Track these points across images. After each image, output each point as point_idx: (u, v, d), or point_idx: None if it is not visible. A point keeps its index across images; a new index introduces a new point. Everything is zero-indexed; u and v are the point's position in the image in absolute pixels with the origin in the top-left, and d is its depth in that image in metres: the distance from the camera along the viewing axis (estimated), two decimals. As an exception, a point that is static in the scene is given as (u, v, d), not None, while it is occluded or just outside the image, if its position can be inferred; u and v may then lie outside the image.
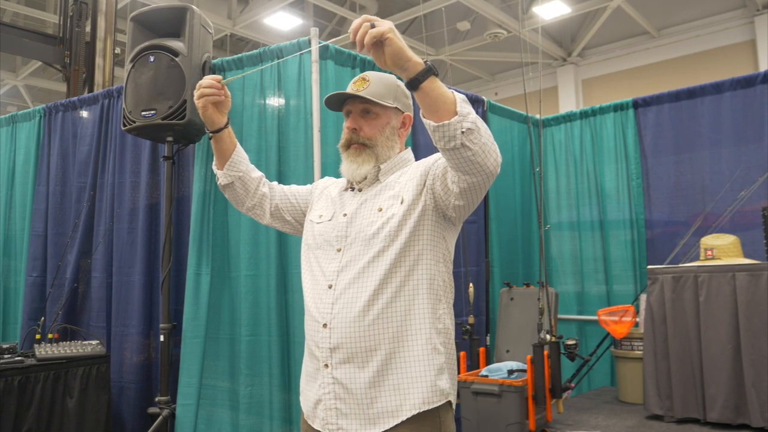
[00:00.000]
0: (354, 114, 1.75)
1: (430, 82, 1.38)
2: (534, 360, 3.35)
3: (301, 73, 3.33)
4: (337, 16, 11.95)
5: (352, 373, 1.58)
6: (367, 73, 1.77)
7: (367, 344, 1.57)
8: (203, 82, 1.68)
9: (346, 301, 1.60)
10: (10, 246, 4.61)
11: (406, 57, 1.37)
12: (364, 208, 1.69)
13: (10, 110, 11.81)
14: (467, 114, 1.38)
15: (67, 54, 6.33)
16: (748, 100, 4.28)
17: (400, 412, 1.55)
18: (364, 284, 1.59)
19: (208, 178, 3.49)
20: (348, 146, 1.74)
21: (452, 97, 1.39)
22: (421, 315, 1.60)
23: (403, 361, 1.57)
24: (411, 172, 1.70)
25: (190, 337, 3.36)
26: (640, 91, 5.94)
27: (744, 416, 3.30)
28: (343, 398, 1.58)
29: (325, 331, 1.61)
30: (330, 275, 1.65)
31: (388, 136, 1.74)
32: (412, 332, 1.59)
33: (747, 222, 4.09)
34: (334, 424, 1.59)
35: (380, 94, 1.72)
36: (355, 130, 1.72)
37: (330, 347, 1.60)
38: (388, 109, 1.74)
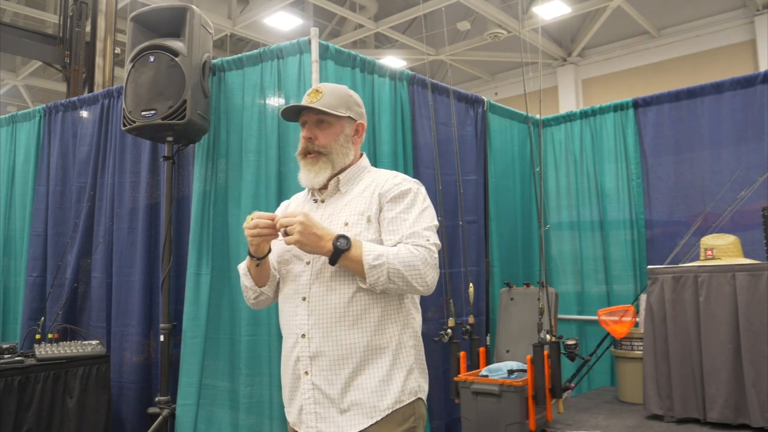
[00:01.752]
0: (309, 124, 1.84)
1: (342, 261, 1.62)
2: (534, 360, 3.35)
3: (301, 73, 3.33)
4: (337, 16, 11.95)
5: (330, 378, 1.69)
6: (321, 84, 1.87)
7: (344, 351, 1.69)
8: (260, 222, 1.69)
9: (321, 311, 1.70)
10: (10, 246, 4.61)
11: (318, 250, 1.62)
12: (331, 222, 1.77)
13: (10, 110, 11.82)
14: (376, 281, 1.62)
15: (67, 54, 6.33)
16: (748, 100, 4.28)
17: (374, 413, 1.67)
18: (337, 295, 1.70)
19: (208, 178, 3.49)
20: (305, 155, 1.84)
21: (362, 270, 1.61)
22: (392, 321, 1.72)
23: (375, 366, 1.69)
24: (372, 191, 1.79)
25: (190, 337, 3.36)
26: (640, 91, 5.94)
27: (744, 416, 3.30)
28: (321, 402, 1.70)
29: (304, 341, 1.72)
30: (302, 288, 1.74)
31: (342, 143, 1.84)
32: (384, 339, 1.71)
33: (747, 222, 4.09)
34: (313, 427, 1.70)
35: (333, 104, 1.82)
36: (311, 139, 1.82)
37: (309, 356, 1.71)
38: (341, 119, 1.84)
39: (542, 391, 3.33)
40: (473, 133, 4.46)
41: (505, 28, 11.06)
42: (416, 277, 1.62)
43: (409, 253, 1.63)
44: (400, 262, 1.61)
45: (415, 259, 1.62)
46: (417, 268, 1.62)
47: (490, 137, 4.61)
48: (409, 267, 1.62)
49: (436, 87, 4.12)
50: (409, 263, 1.62)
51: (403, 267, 1.61)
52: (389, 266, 1.60)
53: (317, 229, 1.61)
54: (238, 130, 3.49)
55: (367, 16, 11.53)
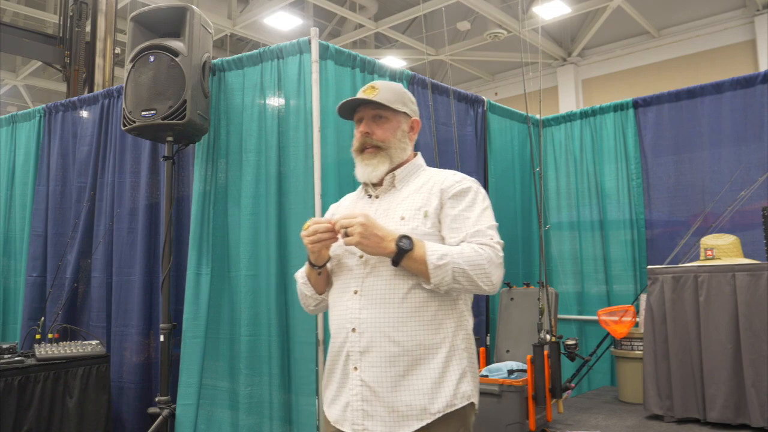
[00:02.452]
0: (366, 119, 1.81)
1: (405, 261, 1.59)
2: (534, 360, 3.35)
3: (301, 73, 3.33)
4: (337, 16, 11.95)
5: (380, 375, 1.63)
6: (376, 82, 1.85)
7: (395, 348, 1.63)
8: (319, 227, 1.67)
9: (373, 306, 1.66)
10: (10, 246, 4.61)
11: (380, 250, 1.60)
12: (386, 216, 1.75)
13: (10, 110, 11.82)
14: (440, 281, 1.59)
15: (67, 54, 6.33)
16: (748, 100, 4.28)
17: (424, 416, 1.61)
18: (392, 290, 1.65)
19: (208, 178, 3.49)
20: (362, 150, 1.81)
21: (426, 270, 1.58)
22: (446, 321, 1.68)
23: (428, 366, 1.63)
24: (430, 188, 1.77)
25: (190, 337, 3.36)
26: (640, 91, 5.94)
27: (744, 416, 3.30)
28: (369, 400, 1.64)
29: (354, 335, 1.67)
30: (355, 281, 1.70)
31: (399, 138, 1.82)
32: (438, 338, 1.65)
33: (747, 222, 4.09)
34: (360, 424, 1.64)
35: (390, 99, 1.80)
36: (368, 134, 1.80)
37: (359, 350, 1.66)
38: (398, 114, 1.83)
39: (542, 391, 3.33)
40: (473, 133, 4.46)
41: (505, 28, 11.06)
42: (482, 276, 1.59)
43: (474, 252, 1.60)
44: (465, 261, 1.57)
45: (481, 258, 1.59)
46: (482, 267, 1.59)
47: (490, 137, 4.61)
48: (475, 266, 1.58)
49: (436, 87, 4.12)
50: (474, 262, 1.58)
51: (468, 266, 1.58)
52: (454, 265, 1.57)
53: (378, 230, 1.59)
54: (238, 130, 3.49)
55: (367, 16, 11.53)
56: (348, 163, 3.40)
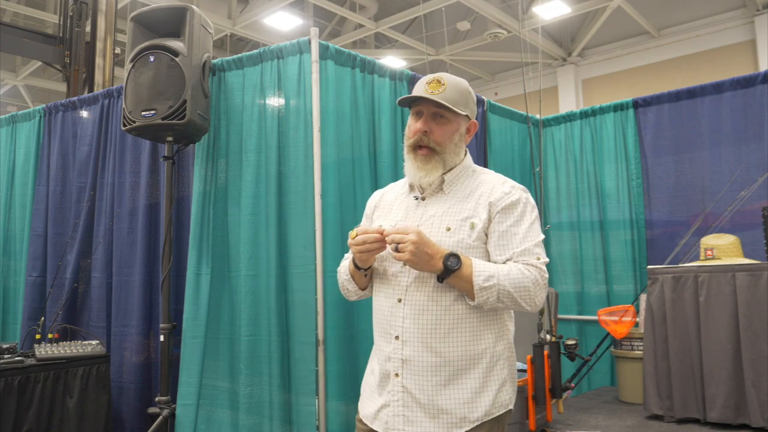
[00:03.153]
0: (426, 116, 1.74)
1: (451, 279, 1.60)
2: (534, 360, 3.35)
3: (301, 73, 3.33)
4: (337, 16, 11.95)
5: (421, 383, 1.65)
6: (443, 75, 1.76)
7: (437, 359, 1.65)
8: (368, 238, 1.65)
9: (417, 316, 1.66)
10: (10, 246, 4.61)
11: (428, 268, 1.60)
12: (432, 224, 1.71)
13: (10, 110, 11.82)
14: (485, 301, 1.61)
15: (67, 54, 6.33)
16: (748, 100, 4.28)
17: (464, 423, 1.64)
18: (434, 302, 1.66)
19: (208, 178, 3.49)
20: (416, 148, 1.74)
21: (471, 289, 1.60)
22: (487, 332, 1.69)
23: (469, 377, 1.66)
24: (478, 197, 1.73)
25: (190, 337, 3.36)
26: (640, 91, 5.94)
27: (744, 416, 3.30)
28: (410, 406, 1.66)
29: (397, 342, 1.69)
30: (399, 290, 1.70)
31: (456, 142, 1.76)
32: (479, 349, 1.67)
33: (747, 222, 4.09)
34: (400, 429, 1.66)
35: (454, 100, 1.72)
36: (426, 133, 1.73)
37: (402, 358, 1.67)
38: (459, 116, 1.75)
39: (542, 391, 3.33)
40: (473, 133, 4.45)
41: (505, 28, 11.06)
42: (526, 298, 1.60)
43: (520, 273, 1.60)
44: (510, 283, 1.58)
45: (526, 280, 1.60)
46: (528, 289, 1.60)
47: (490, 137, 4.61)
48: (520, 288, 1.59)
49: (436, 87, 4.11)
50: (519, 284, 1.59)
51: (513, 288, 1.59)
52: (500, 287, 1.58)
53: (429, 248, 1.58)
54: (238, 130, 3.49)
55: (367, 16, 11.53)
56: (347, 163, 3.41)
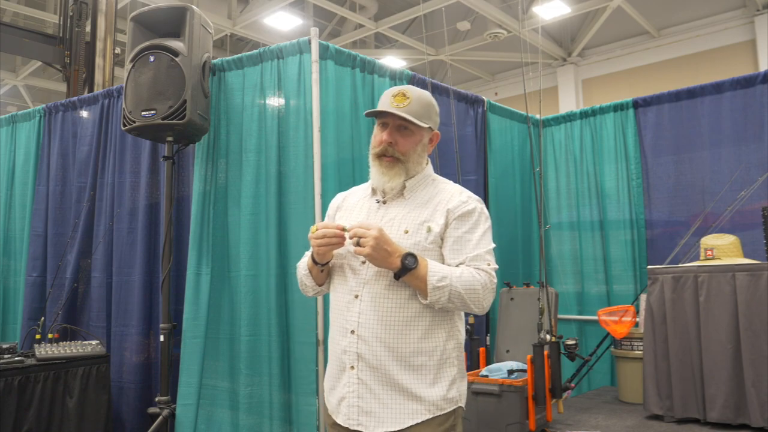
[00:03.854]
0: (391, 128, 1.84)
1: (407, 277, 1.68)
2: (534, 360, 3.35)
3: (301, 73, 3.33)
4: (337, 16, 11.95)
5: (376, 376, 1.74)
6: (407, 88, 1.86)
7: (391, 353, 1.73)
8: (328, 232, 1.74)
9: (372, 311, 1.75)
10: (10, 246, 4.61)
11: (386, 264, 1.68)
12: (391, 227, 1.80)
13: (10, 110, 11.82)
14: (436, 300, 1.70)
15: (67, 54, 6.33)
16: (748, 100, 4.28)
17: (416, 415, 1.73)
18: (389, 299, 1.75)
19: (208, 178, 3.49)
20: (380, 156, 1.85)
21: (424, 288, 1.69)
22: (439, 331, 1.78)
23: (421, 373, 1.74)
24: (436, 204, 1.84)
25: (190, 337, 3.36)
26: (640, 91, 5.94)
27: (744, 416, 3.30)
28: (364, 397, 1.75)
29: (353, 337, 1.77)
30: (356, 286, 1.79)
31: (419, 152, 1.87)
32: (430, 346, 1.76)
33: (747, 222, 4.09)
34: (355, 419, 1.76)
35: (418, 113, 1.83)
36: (391, 144, 1.83)
37: (357, 352, 1.76)
38: (422, 128, 1.86)
39: (542, 391, 3.33)
40: (473, 133, 4.46)
41: (505, 28, 11.05)
42: (475, 300, 1.70)
43: (472, 277, 1.70)
44: (461, 285, 1.68)
45: (477, 284, 1.69)
46: (477, 292, 1.69)
47: (490, 137, 4.61)
48: (470, 291, 1.69)
49: (436, 87, 4.12)
50: (470, 287, 1.69)
51: (464, 290, 1.68)
52: (451, 288, 1.67)
53: (389, 246, 1.67)
54: (238, 130, 3.49)
55: (367, 16, 11.53)
56: (347, 163, 3.41)
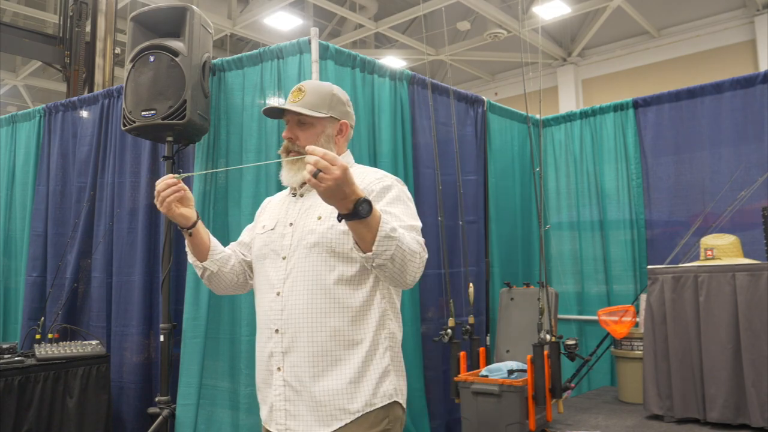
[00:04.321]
0: (290, 124, 1.83)
1: (352, 223, 1.46)
2: (534, 360, 3.35)
3: (301, 73, 3.33)
4: (337, 16, 11.95)
5: (301, 375, 1.66)
6: (304, 83, 1.86)
7: (316, 348, 1.65)
8: (159, 186, 1.69)
9: (294, 306, 1.68)
10: (10, 246, 4.61)
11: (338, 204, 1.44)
12: (306, 216, 1.76)
13: (10, 110, 11.82)
14: (381, 253, 1.48)
15: (67, 54, 6.33)
16: (748, 100, 4.28)
17: (344, 415, 1.63)
18: (311, 291, 1.67)
19: (208, 178, 3.49)
20: (287, 154, 1.83)
21: (372, 237, 1.47)
22: (366, 319, 1.69)
23: (346, 366, 1.65)
24: None
25: (190, 337, 3.36)
26: (640, 91, 5.94)
27: (744, 416, 3.30)
28: (292, 400, 1.67)
29: (277, 336, 1.70)
30: (277, 283, 1.73)
31: (323, 144, 1.80)
32: (357, 338, 1.67)
33: (747, 222, 4.09)
34: (282, 424, 1.68)
35: (314, 104, 1.80)
36: (292, 139, 1.81)
37: (282, 351, 1.69)
38: (322, 119, 1.82)
39: (542, 391, 3.33)
40: (473, 133, 4.46)
41: (505, 28, 11.06)
42: (411, 266, 1.55)
43: (412, 239, 1.57)
44: (407, 245, 1.53)
45: (416, 247, 1.57)
46: (415, 256, 1.56)
47: (490, 137, 4.61)
48: (412, 253, 1.55)
49: (436, 87, 4.12)
50: (412, 249, 1.55)
51: (408, 250, 1.53)
52: (399, 243, 1.51)
53: (348, 187, 1.43)
54: (238, 130, 3.49)
55: (367, 16, 11.53)
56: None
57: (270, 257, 1.78)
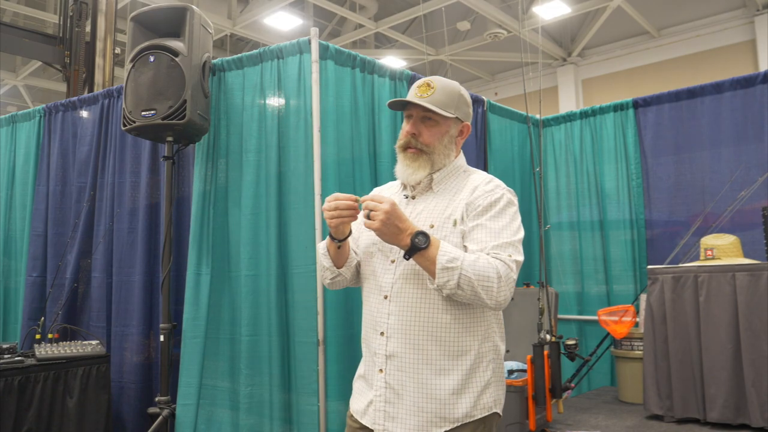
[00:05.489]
0: (415, 119, 1.78)
1: (416, 257, 1.58)
2: (534, 360, 3.35)
3: (301, 73, 3.33)
4: (337, 16, 11.95)
5: (404, 380, 1.68)
6: (433, 79, 1.80)
7: (421, 356, 1.66)
8: (340, 204, 1.65)
9: (401, 313, 1.69)
10: (10, 246, 4.61)
11: (396, 241, 1.59)
12: (418, 221, 1.73)
13: (10, 110, 11.82)
14: (444, 283, 1.57)
15: (67, 54, 6.33)
16: (748, 100, 4.28)
17: (443, 423, 1.65)
18: (420, 299, 1.68)
19: (208, 178, 3.49)
20: (405, 149, 1.79)
21: (433, 269, 1.57)
22: (472, 330, 1.69)
23: (451, 377, 1.66)
24: (464, 192, 1.76)
25: (190, 337, 3.36)
26: (640, 91, 5.94)
27: (744, 416, 3.30)
28: (392, 402, 1.69)
29: (382, 338, 1.71)
30: (386, 286, 1.73)
31: (446, 144, 1.79)
32: (463, 348, 1.68)
33: (747, 222, 4.09)
34: (381, 425, 1.70)
35: (443, 102, 1.76)
36: (415, 135, 1.77)
37: (386, 354, 1.70)
38: (449, 119, 1.78)
39: (542, 391, 3.33)
40: (473, 133, 4.46)
41: (505, 28, 11.05)
42: (487, 289, 1.55)
43: (487, 263, 1.57)
44: (473, 271, 1.55)
45: (491, 271, 1.56)
46: (490, 280, 1.55)
47: (490, 137, 4.61)
48: (482, 278, 1.55)
49: (436, 87, 4.11)
50: (483, 274, 1.55)
51: (475, 276, 1.54)
52: (462, 272, 1.54)
53: (400, 222, 1.56)
54: (238, 130, 3.49)
55: (367, 16, 11.53)
56: (347, 163, 3.41)
57: (377, 256, 1.77)
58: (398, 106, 1.82)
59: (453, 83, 1.82)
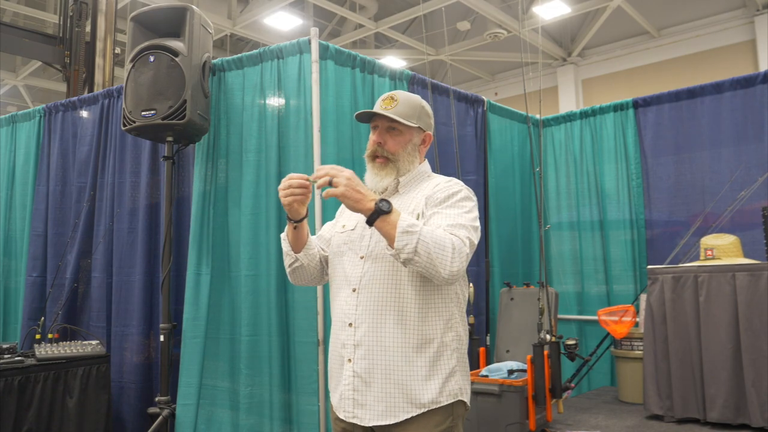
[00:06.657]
0: (380, 129, 1.91)
1: (379, 222, 1.64)
2: (534, 360, 3.35)
3: (301, 73, 3.34)
4: (337, 16, 11.95)
5: (370, 368, 1.76)
6: (396, 92, 1.94)
7: (386, 343, 1.75)
8: (293, 182, 1.74)
9: (368, 304, 1.78)
10: (10, 246, 4.61)
11: (359, 206, 1.64)
12: None
13: (10, 110, 11.81)
14: (403, 247, 1.62)
15: (67, 54, 6.33)
16: (748, 100, 4.28)
17: (410, 408, 1.73)
18: (386, 290, 1.78)
19: (208, 178, 3.49)
20: (373, 158, 1.92)
21: (394, 233, 1.63)
22: (436, 319, 1.78)
23: (416, 363, 1.74)
24: (426, 190, 1.88)
25: (190, 337, 3.36)
26: (640, 91, 5.94)
27: (744, 416, 3.30)
28: (360, 390, 1.77)
29: (350, 329, 1.80)
30: (354, 280, 1.82)
31: (409, 151, 1.93)
32: (427, 337, 1.77)
33: (747, 222, 4.09)
34: (350, 412, 1.78)
35: (406, 114, 1.89)
36: (381, 144, 1.90)
37: (354, 344, 1.78)
38: (411, 128, 1.92)
39: (542, 391, 3.33)
40: (473, 133, 4.46)
41: (505, 28, 11.05)
42: (441, 258, 1.63)
43: (444, 234, 1.66)
44: (431, 238, 1.63)
45: (446, 242, 1.64)
46: (445, 249, 1.64)
47: (490, 137, 4.61)
48: (438, 246, 1.63)
49: (436, 87, 4.12)
50: (439, 243, 1.63)
51: (432, 243, 1.62)
52: (420, 237, 1.61)
53: (362, 188, 1.66)
54: (238, 130, 3.49)
55: (367, 16, 11.53)
56: (347, 163, 3.41)
57: (348, 255, 1.87)
58: (365, 118, 1.94)
59: (415, 96, 1.96)
